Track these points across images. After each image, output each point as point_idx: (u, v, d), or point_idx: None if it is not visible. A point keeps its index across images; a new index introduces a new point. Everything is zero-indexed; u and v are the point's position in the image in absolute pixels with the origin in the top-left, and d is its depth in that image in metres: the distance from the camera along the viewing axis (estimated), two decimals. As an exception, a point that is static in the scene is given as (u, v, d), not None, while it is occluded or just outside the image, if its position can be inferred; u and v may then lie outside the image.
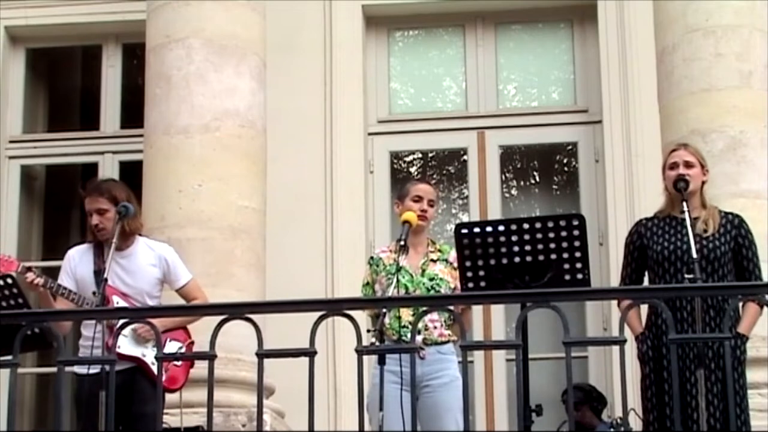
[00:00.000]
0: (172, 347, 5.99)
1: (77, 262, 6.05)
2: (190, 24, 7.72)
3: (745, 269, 5.71)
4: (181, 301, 6.14)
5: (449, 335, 5.97)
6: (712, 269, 5.64)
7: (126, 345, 5.85)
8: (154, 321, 5.72)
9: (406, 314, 5.84)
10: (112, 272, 5.92)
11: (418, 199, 6.07)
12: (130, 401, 5.74)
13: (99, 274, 5.91)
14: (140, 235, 6.16)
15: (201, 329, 5.96)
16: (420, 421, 5.64)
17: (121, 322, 4.73)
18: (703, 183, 5.85)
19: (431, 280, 6.00)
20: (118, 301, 5.90)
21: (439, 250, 6.11)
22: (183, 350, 6.07)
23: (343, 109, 9.24)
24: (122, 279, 5.99)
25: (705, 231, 5.70)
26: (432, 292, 5.93)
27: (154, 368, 5.85)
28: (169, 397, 6.09)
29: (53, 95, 10.21)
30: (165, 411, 6.11)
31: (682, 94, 7.54)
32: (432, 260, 6.06)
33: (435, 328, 5.94)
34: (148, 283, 6.03)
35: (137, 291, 5.99)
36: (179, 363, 6.03)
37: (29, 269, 5.92)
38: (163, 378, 5.90)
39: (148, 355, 5.90)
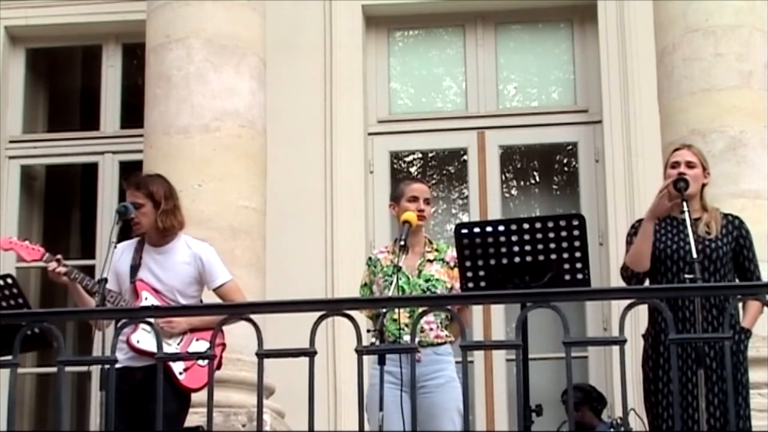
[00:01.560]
0: (200, 347, 5.89)
1: (119, 257, 6.01)
2: (190, 24, 7.72)
3: (747, 269, 5.73)
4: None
5: (445, 336, 5.97)
6: (714, 268, 5.64)
7: (147, 340, 5.76)
8: (178, 318, 5.77)
9: (403, 317, 5.83)
10: (147, 269, 5.93)
11: (414, 199, 6.06)
12: (149, 399, 5.71)
13: (135, 269, 5.93)
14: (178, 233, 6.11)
15: (201, 329, 5.96)
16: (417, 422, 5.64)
17: (122, 322, 4.73)
18: (704, 186, 5.85)
19: (427, 281, 5.99)
20: (147, 297, 5.87)
21: (436, 250, 6.09)
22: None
23: (343, 109, 9.24)
24: (156, 275, 5.94)
25: (708, 233, 5.71)
26: (428, 294, 5.91)
27: (174, 366, 5.83)
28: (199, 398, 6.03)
29: (53, 95, 10.22)
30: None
31: (682, 94, 7.54)
32: (428, 260, 6.05)
33: (431, 329, 5.93)
34: (180, 281, 5.96)
35: (168, 288, 5.93)
36: (204, 363, 5.94)
37: (58, 260, 5.89)
38: (184, 377, 5.87)
39: (169, 353, 5.86)
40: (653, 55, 8.01)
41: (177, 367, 5.83)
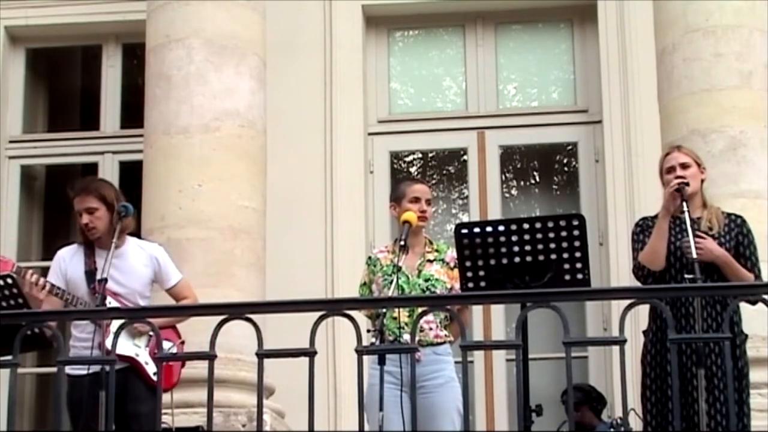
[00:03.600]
0: (164, 347, 5.92)
1: (68, 263, 6.00)
2: (190, 24, 7.72)
3: (743, 266, 5.71)
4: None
5: (445, 336, 5.96)
6: (716, 265, 5.64)
7: (121, 344, 5.74)
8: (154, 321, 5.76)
9: (403, 315, 5.83)
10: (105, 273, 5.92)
11: (416, 200, 6.05)
12: (124, 402, 5.70)
13: (91, 274, 5.90)
14: (130, 235, 6.15)
15: (201, 329, 5.93)
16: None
17: (119, 323, 4.73)
18: (702, 182, 5.85)
19: (427, 281, 5.98)
20: (110, 301, 5.84)
21: (436, 250, 6.09)
22: (174, 349, 6.01)
23: (343, 109, 9.24)
24: (115, 279, 5.91)
25: (710, 229, 5.71)
26: (427, 294, 5.91)
27: (147, 368, 5.84)
28: (164, 398, 6.04)
29: (53, 95, 10.21)
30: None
31: (682, 94, 7.54)
32: (428, 261, 6.05)
33: (430, 329, 5.92)
34: (140, 284, 5.99)
35: (130, 291, 5.95)
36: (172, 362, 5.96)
37: (26, 270, 5.89)
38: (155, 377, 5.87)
39: (141, 354, 5.87)
40: (653, 55, 8.01)
41: (150, 368, 5.84)
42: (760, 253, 5.84)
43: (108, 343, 5.73)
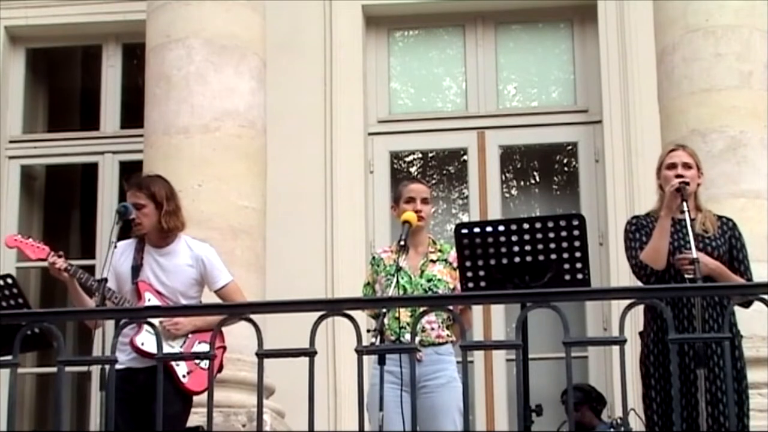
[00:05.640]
0: (202, 349, 5.84)
1: (119, 257, 5.95)
2: (190, 24, 7.72)
3: (736, 270, 5.72)
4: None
5: (447, 336, 5.97)
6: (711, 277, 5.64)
7: (151, 342, 5.66)
8: (182, 320, 5.75)
9: (405, 315, 5.83)
10: (149, 269, 5.91)
11: (411, 200, 6.06)
12: (152, 400, 5.68)
13: (136, 269, 5.90)
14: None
15: (201, 329, 5.96)
16: (417, 422, 5.63)
17: (123, 321, 4.73)
18: (698, 186, 5.85)
19: (429, 281, 5.99)
20: (150, 299, 5.84)
21: (440, 250, 6.10)
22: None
23: (343, 109, 9.24)
24: (158, 277, 5.91)
25: (705, 232, 5.71)
26: (429, 294, 5.91)
27: (178, 369, 5.81)
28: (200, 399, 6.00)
29: (53, 95, 10.22)
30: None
31: (682, 94, 7.54)
32: (431, 261, 6.05)
33: (432, 329, 5.93)
34: (182, 283, 5.93)
35: (171, 290, 5.91)
36: (206, 365, 5.91)
37: (60, 255, 5.87)
38: (187, 380, 5.84)
39: (168, 353, 5.84)
40: (653, 55, 8.01)
41: (181, 369, 5.82)
42: (760, 253, 5.85)
43: (138, 342, 5.75)
